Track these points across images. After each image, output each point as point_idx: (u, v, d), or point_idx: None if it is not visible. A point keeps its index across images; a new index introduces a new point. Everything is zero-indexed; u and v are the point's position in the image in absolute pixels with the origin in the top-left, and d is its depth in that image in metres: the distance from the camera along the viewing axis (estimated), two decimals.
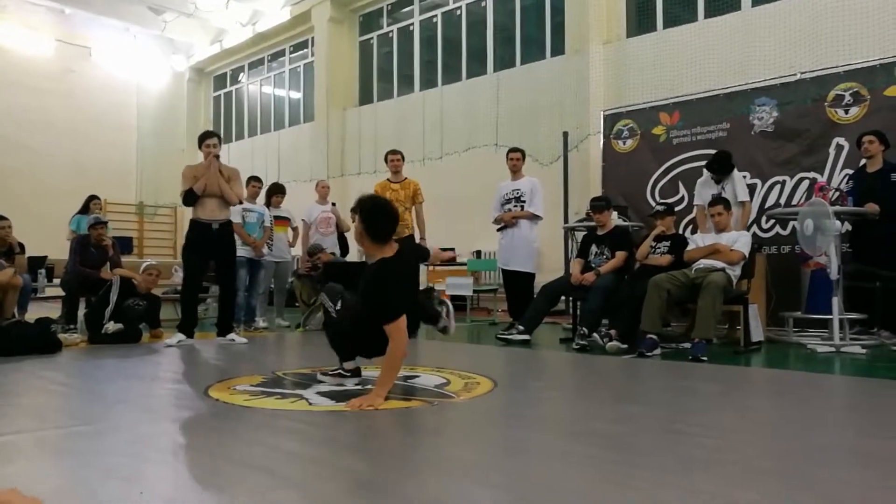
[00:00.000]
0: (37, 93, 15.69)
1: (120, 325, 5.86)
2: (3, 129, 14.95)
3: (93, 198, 8.61)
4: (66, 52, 16.33)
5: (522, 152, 6.94)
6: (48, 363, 4.74)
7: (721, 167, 6.08)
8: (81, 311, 6.75)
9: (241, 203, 6.42)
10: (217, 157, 5.94)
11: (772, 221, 6.52)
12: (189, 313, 5.89)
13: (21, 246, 7.37)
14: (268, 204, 7.75)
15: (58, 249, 9.57)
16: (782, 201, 6.49)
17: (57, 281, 7.70)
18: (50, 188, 14.68)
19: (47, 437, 2.66)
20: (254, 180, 7.60)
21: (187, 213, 6.14)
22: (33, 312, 6.84)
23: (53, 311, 7.21)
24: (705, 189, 6.26)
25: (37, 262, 8.25)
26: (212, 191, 5.82)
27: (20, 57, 15.63)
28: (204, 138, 6.06)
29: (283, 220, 7.89)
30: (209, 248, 5.85)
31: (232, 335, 5.95)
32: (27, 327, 5.39)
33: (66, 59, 16.34)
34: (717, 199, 5.64)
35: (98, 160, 16.09)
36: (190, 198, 5.78)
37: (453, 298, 10.17)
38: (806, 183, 6.38)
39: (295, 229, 8.15)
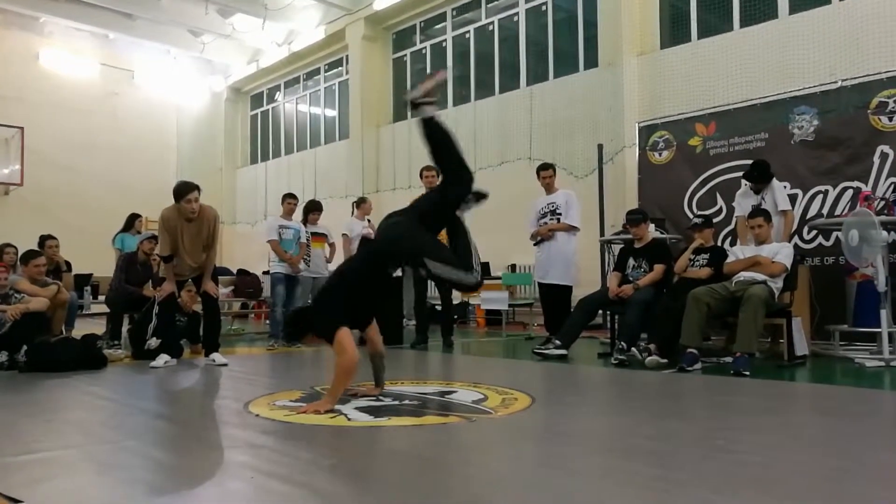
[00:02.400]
0: (82, 115, 16.20)
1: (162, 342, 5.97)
2: (49, 150, 15.44)
3: (135, 216, 8.84)
4: (110, 76, 16.84)
5: (553, 167, 6.89)
6: (94, 378, 4.85)
7: (760, 175, 5.97)
8: (125, 328, 6.91)
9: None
10: (195, 212, 5.50)
11: (814, 232, 6.37)
12: (168, 335, 5.78)
13: (68, 264, 7.60)
14: (304, 221, 7.85)
15: (102, 267, 9.83)
16: (825, 211, 6.33)
17: (102, 298, 7.90)
18: (94, 207, 15.10)
19: (94, 451, 2.72)
20: (290, 197, 7.71)
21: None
22: (80, 329, 7.03)
23: (99, 327, 7.39)
24: (745, 200, 6.14)
25: (83, 280, 8.48)
26: (190, 261, 5.64)
27: (66, 80, 16.17)
28: (184, 193, 5.41)
29: (319, 237, 7.98)
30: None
31: (213, 355, 5.67)
32: (74, 343, 5.54)
33: (110, 82, 16.85)
34: (757, 211, 5.54)
35: (140, 179, 16.51)
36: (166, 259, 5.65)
37: (488, 313, 10.22)
38: (849, 192, 6.22)
39: (331, 245, 8.22)
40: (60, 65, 16.13)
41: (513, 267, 10.68)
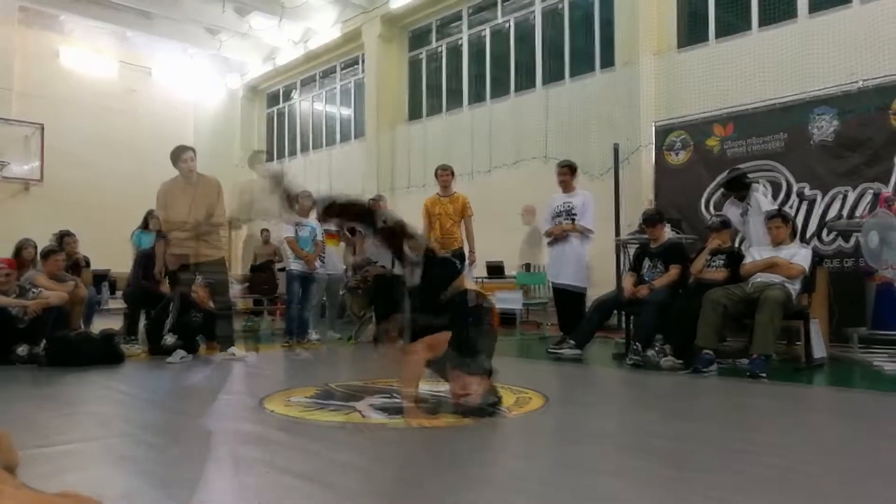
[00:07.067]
0: (101, 112, 16.36)
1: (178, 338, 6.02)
2: (69, 147, 15.59)
3: (151, 212, 8.88)
4: (129, 73, 17.00)
5: (570, 166, 6.85)
6: (113, 374, 4.90)
7: (737, 187, 6.10)
8: (142, 324, 6.97)
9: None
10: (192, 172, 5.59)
11: (833, 234, 6.31)
12: (185, 332, 5.87)
13: (86, 260, 7.67)
14: (319, 219, 7.86)
15: (119, 263, 9.92)
16: (844, 213, 6.27)
17: (119, 294, 7.97)
18: (112, 203, 15.21)
19: (113, 444, 2.76)
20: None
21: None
22: (97, 325, 7.10)
23: (116, 323, 7.46)
24: (731, 208, 6.22)
25: (100, 276, 8.55)
26: (178, 217, 5.67)
27: (85, 78, 16.34)
28: (179, 154, 5.60)
29: (333, 234, 8.00)
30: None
31: (232, 349, 5.85)
32: (92, 339, 5.59)
33: (129, 80, 17.00)
34: (777, 213, 5.49)
35: (158, 176, 16.43)
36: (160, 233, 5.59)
37: (502, 313, 10.15)
38: (870, 194, 6.15)
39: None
40: (80, 63, 16.29)
41: (527, 266, 10.65)
